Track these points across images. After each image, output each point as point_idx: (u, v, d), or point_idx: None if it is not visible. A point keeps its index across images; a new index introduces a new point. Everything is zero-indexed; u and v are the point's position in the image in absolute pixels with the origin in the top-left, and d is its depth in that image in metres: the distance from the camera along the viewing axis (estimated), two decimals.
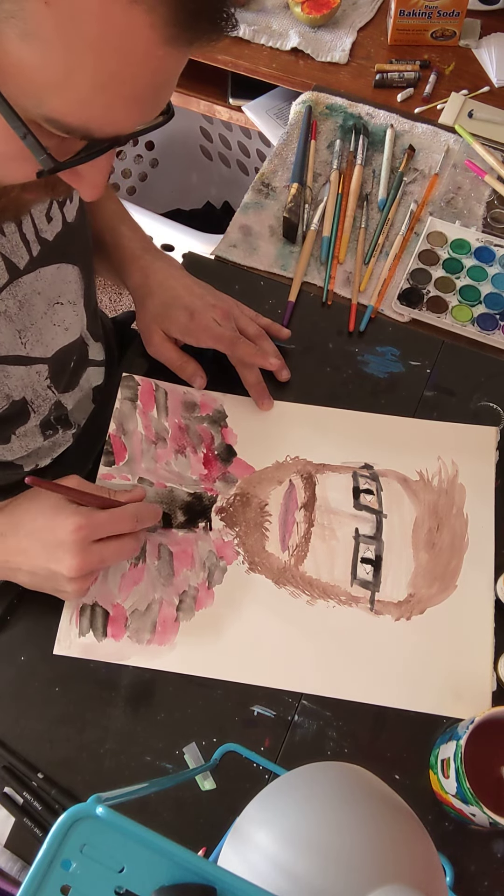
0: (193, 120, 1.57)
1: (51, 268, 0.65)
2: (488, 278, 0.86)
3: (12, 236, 0.59)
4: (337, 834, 0.42)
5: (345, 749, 0.64)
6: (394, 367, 0.81)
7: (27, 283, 0.63)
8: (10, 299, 0.61)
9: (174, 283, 0.78)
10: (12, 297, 0.62)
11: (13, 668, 0.67)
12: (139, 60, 0.37)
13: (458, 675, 0.67)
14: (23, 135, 0.38)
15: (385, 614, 0.69)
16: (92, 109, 0.38)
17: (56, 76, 0.36)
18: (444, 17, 1.05)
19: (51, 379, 0.71)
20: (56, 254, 0.65)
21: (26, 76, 0.36)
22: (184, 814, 0.62)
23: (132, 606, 0.69)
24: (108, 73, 0.37)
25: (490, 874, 0.61)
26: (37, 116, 0.38)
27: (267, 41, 1.12)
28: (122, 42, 0.36)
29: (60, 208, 0.64)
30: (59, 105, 0.38)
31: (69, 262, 0.68)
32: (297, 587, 0.70)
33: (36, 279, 0.64)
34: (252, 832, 0.44)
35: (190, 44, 0.39)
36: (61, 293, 0.68)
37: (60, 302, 0.68)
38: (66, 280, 0.68)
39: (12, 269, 0.60)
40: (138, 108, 0.41)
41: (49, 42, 0.35)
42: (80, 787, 0.63)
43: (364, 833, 0.42)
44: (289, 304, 0.84)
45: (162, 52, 0.37)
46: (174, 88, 0.43)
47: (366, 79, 1.07)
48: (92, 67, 0.36)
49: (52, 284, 0.66)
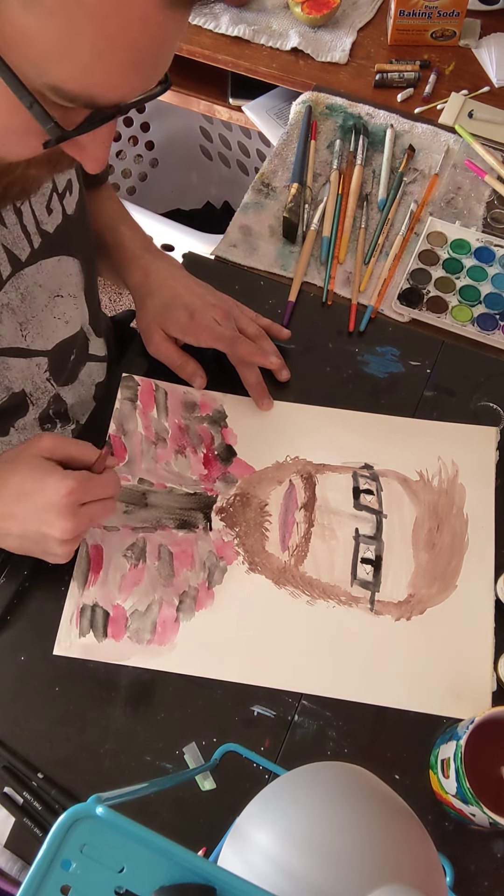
0: (193, 120, 1.57)
1: (52, 260, 0.65)
2: (488, 278, 0.86)
3: (13, 228, 0.59)
4: (337, 834, 0.42)
5: (345, 749, 0.64)
6: (394, 367, 0.81)
7: (29, 276, 0.63)
8: (13, 291, 0.61)
9: (174, 282, 0.78)
10: (14, 289, 0.62)
11: (13, 668, 0.67)
12: (138, 25, 0.38)
13: (458, 675, 0.67)
14: (29, 104, 0.39)
15: (385, 614, 0.69)
16: (94, 76, 0.39)
17: (58, 43, 0.37)
18: (444, 17, 1.05)
19: (50, 372, 0.71)
20: (57, 246, 0.65)
21: (30, 44, 0.37)
22: (184, 814, 0.62)
23: (132, 607, 0.69)
24: (107, 38, 0.37)
25: (490, 874, 0.61)
26: (41, 86, 0.39)
27: (267, 41, 1.12)
28: (121, 7, 0.36)
29: (60, 200, 0.64)
30: (62, 72, 0.38)
31: (70, 255, 0.68)
32: (297, 587, 0.70)
33: (37, 271, 0.64)
34: (252, 832, 0.44)
35: (188, 6, 0.40)
36: (62, 286, 0.68)
37: (61, 295, 0.68)
38: (66, 273, 0.68)
39: (14, 261, 0.60)
40: (139, 74, 0.41)
41: (50, 9, 0.35)
42: (80, 787, 0.63)
43: (364, 833, 0.42)
44: (289, 304, 0.84)
45: (161, 16, 0.38)
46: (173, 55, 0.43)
47: (366, 79, 1.07)
48: (92, 33, 0.37)
49: (52, 277, 0.66)
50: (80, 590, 0.69)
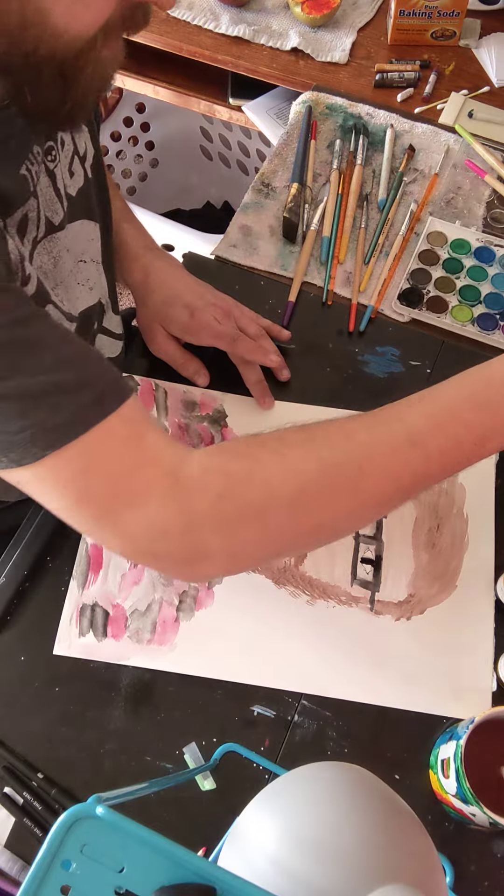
0: (193, 120, 1.57)
1: (75, 224, 0.64)
2: (488, 278, 0.86)
3: (46, 190, 0.59)
4: (337, 834, 0.42)
5: (345, 749, 0.64)
6: (394, 367, 0.81)
7: (60, 239, 0.62)
8: (45, 255, 0.61)
9: (175, 281, 0.78)
10: (47, 252, 0.61)
11: (13, 668, 0.67)
12: None
13: (458, 675, 0.67)
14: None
15: (385, 614, 0.69)
16: None
17: None
18: (444, 17, 1.05)
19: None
20: (79, 209, 0.64)
21: None
22: (184, 814, 0.62)
23: (132, 606, 0.69)
24: None
25: (490, 874, 0.61)
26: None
27: (267, 41, 1.12)
28: None
29: (82, 163, 0.64)
30: None
31: (91, 219, 0.67)
32: (297, 587, 0.70)
33: (66, 235, 0.63)
34: (252, 832, 0.44)
35: None
36: (85, 251, 0.67)
37: (84, 260, 0.68)
38: (89, 237, 0.68)
39: (49, 225, 0.60)
40: None
41: None
42: (80, 787, 0.63)
43: (364, 833, 0.42)
44: (289, 304, 0.84)
45: None
46: None
47: (366, 79, 1.07)
48: None
49: (76, 241, 0.65)
50: (79, 589, 0.69)
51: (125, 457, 0.50)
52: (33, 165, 0.56)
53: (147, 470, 0.50)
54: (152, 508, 0.50)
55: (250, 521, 0.51)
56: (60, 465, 0.48)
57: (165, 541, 0.51)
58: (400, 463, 0.52)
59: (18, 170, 0.54)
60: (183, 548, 0.51)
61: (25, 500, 0.70)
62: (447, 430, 0.52)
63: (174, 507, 0.50)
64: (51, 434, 0.47)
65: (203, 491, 0.51)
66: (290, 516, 0.51)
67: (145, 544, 0.51)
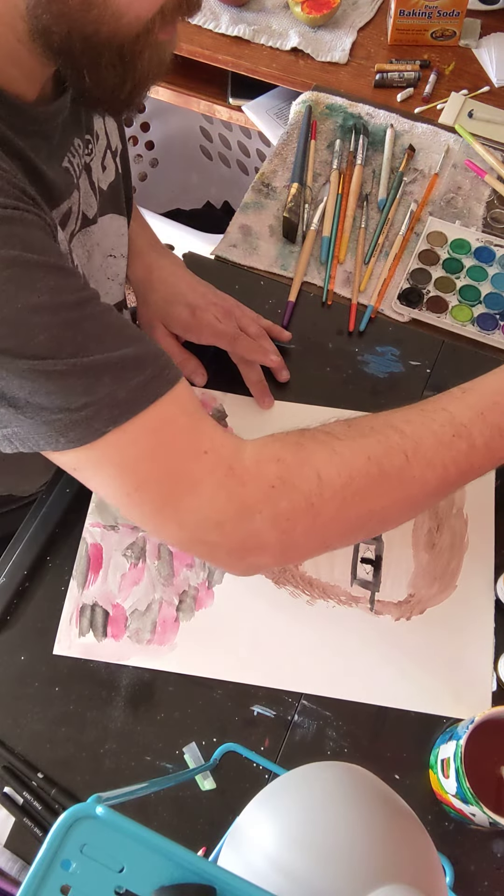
0: (193, 120, 1.57)
1: (106, 218, 0.64)
2: (488, 278, 0.86)
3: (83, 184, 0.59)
4: (337, 834, 0.42)
5: (345, 749, 0.64)
6: (394, 366, 0.81)
7: (94, 233, 0.62)
8: (80, 248, 0.61)
9: (176, 280, 0.78)
10: (81, 245, 0.61)
11: (13, 668, 0.67)
12: None
13: (458, 675, 0.67)
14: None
15: (385, 614, 0.69)
16: None
17: None
18: (444, 16, 1.05)
19: None
20: (110, 204, 0.64)
21: None
22: (184, 814, 0.62)
23: (132, 606, 0.69)
24: None
25: (490, 874, 0.61)
26: None
27: (267, 41, 1.12)
28: None
29: (113, 157, 0.64)
30: None
31: (120, 213, 0.67)
32: (297, 587, 0.70)
33: (99, 229, 0.63)
34: (252, 832, 0.44)
35: None
36: (114, 246, 0.67)
37: (113, 255, 0.67)
38: (118, 232, 0.67)
39: (84, 219, 0.60)
40: None
41: None
42: (80, 787, 0.63)
43: (364, 833, 0.42)
44: (289, 303, 0.84)
45: None
46: None
47: (366, 79, 1.07)
48: None
49: (107, 236, 0.65)
50: (79, 589, 0.69)
51: (186, 441, 0.50)
52: (74, 158, 0.56)
53: (206, 457, 0.50)
54: (207, 496, 0.50)
55: (302, 511, 0.51)
56: (123, 444, 0.47)
57: (219, 530, 0.51)
58: (445, 453, 0.52)
59: (61, 162, 0.54)
60: (236, 537, 0.51)
61: (26, 504, 0.69)
62: (490, 419, 0.52)
63: (228, 496, 0.50)
64: (114, 409, 0.46)
65: (257, 481, 0.51)
66: (339, 507, 0.51)
67: (200, 533, 0.51)
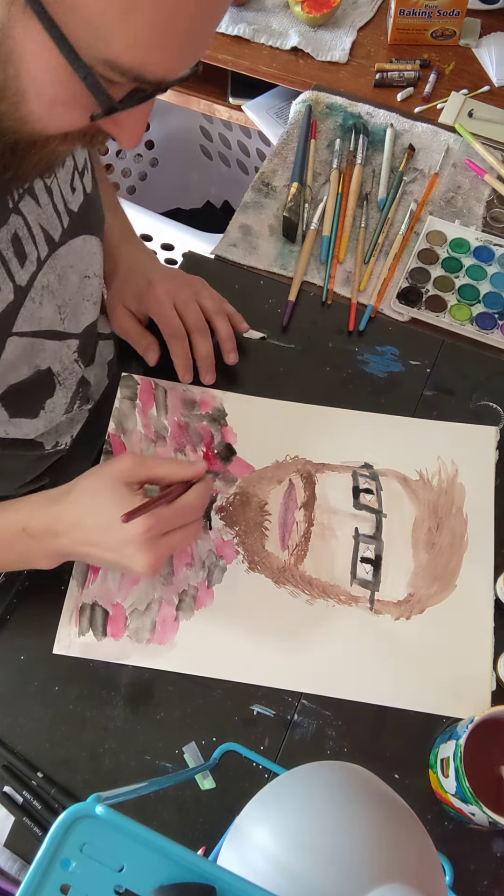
0: (193, 119, 1.57)
1: (78, 240, 0.65)
2: (487, 277, 0.86)
3: (46, 207, 0.59)
4: (337, 833, 0.42)
5: (345, 749, 0.64)
6: (393, 366, 0.81)
7: (62, 256, 0.62)
8: (51, 273, 0.61)
9: (141, 259, 0.80)
10: (52, 270, 0.61)
11: (13, 668, 0.67)
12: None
13: (458, 675, 0.67)
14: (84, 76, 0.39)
15: (385, 614, 0.69)
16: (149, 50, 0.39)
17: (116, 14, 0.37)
18: (444, 16, 1.05)
19: (78, 353, 0.70)
20: (81, 225, 0.65)
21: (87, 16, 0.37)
22: (184, 813, 0.62)
23: (132, 606, 0.69)
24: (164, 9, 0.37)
25: (490, 874, 0.61)
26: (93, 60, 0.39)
27: (267, 40, 1.11)
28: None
29: (81, 178, 0.64)
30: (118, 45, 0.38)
31: (91, 234, 0.68)
32: (297, 586, 0.70)
33: (68, 252, 0.63)
34: (251, 832, 0.44)
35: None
36: (88, 266, 0.68)
37: (88, 276, 0.68)
38: (91, 252, 0.68)
39: (50, 242, 0.60)
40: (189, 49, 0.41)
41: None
42: (80, 786, 0.63)
43: (364, 833, 0.42)
44: (288, 303, 0.84)
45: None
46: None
47: (366, 78, 1.07)
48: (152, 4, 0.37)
49: (80, 257, 0.66)
50: (79, 588, 0.69)
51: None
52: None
53: None
54: None
55: None
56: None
57: None
58: None
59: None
60: None
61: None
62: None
63: None
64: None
65: None
66: None
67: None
